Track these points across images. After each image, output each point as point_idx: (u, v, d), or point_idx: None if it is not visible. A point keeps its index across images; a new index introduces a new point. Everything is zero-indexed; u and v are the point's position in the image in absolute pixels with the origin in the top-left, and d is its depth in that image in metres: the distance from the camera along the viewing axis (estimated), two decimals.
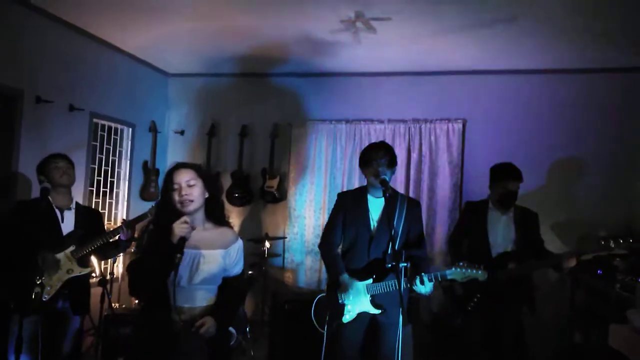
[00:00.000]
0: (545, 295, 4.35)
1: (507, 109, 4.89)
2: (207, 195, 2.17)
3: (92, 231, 3.09)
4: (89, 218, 3.20)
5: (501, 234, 3.22)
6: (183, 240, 2.00)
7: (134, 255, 2.20)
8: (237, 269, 2.22)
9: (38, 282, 2.80)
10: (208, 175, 2.23)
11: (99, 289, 3.97)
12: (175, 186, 2.09)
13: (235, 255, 2.20)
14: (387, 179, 2.66)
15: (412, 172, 5.06)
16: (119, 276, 4.92)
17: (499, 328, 3.22)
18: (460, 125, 4.97)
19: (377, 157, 2.70)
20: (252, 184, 5.43)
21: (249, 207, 5.47)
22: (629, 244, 2.92)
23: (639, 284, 3.40)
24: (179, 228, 2.00)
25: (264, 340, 4.35)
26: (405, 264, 2.35)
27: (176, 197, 2.09)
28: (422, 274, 2.53)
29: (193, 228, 2.05)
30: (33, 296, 2.75)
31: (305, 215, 5.32)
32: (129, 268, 2.12)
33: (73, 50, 4.44)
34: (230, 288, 2.19)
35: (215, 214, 2.20)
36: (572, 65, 4.67)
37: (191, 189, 2.10)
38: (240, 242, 2.24)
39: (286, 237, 5.26)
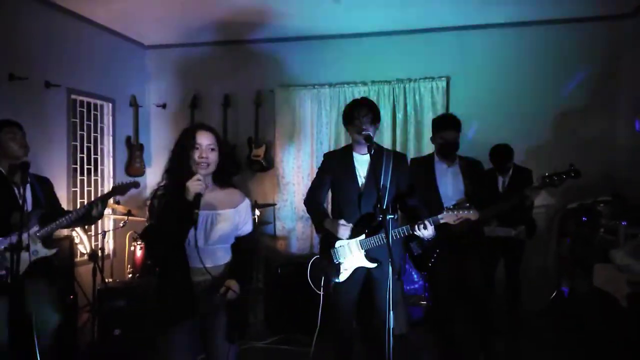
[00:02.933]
0: (532, 247, 4.45)
1: (491, 64, 4.87)
2: (218, 162, 2.19)
3: (49, 203, 2.95)
4: (44, 190, 3.02)
5: (451, 185, 3.24)
6: (199, 196, 2.03)
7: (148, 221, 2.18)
8: (247, 227, 2.27)
9: (2, 264, 2.69)
10: (223, 143, 2.24)
11: (89, 266, 3.96)
12: (197, 146, 2.11)
13: (245, 213, 2.25)
14: (371, 134, 2.65)
15: (398, 132, 5.06)
16: (110, 252, 4.91)
17: (463, 278, 3.28)
18: (444, 83, 4.95)
19: (359, 114, 2.68)
20: (238, 154, 5.38)
21: (237, 177, 5.44)
22: (570, 177, 3.00)
23: (621, 226, 3.48)
24: (194, 185, 2.03)
25: (260, 306, 4.40)
26: (393, 216, 2.37)
27: (195, 156, 2.10)
28: (421, 219, 2.57)
29: (206, 186, 2.08)
30: None
31: (294, 182, 5.32)
32: (144, 234, 2.14)
33: (45, 26, 4.29)
34: (244, 247, 2.25)
35: (221, 177, 2.22)
36: (556, 16, 4.63)
37: (210, 153, 2.14)
38: (247, 201, 2.28)
39: (276, 204, 5.26)
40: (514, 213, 3.77)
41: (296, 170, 5.33)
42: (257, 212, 4.76)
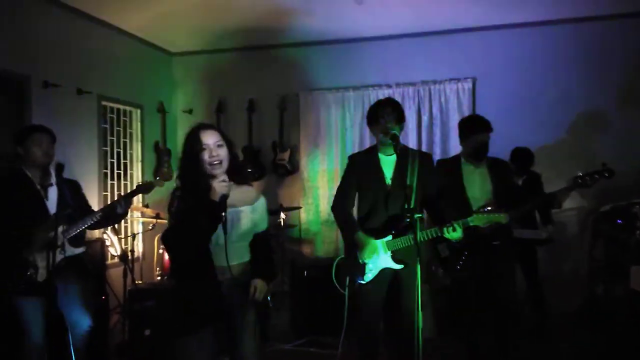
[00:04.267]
0: (564, 250, 4.34)
1: (518, 64, 4.79)
2: (229, 158, 2.17)
3: (77, 205, 2.98)
4: (72, 192, 3.05)
5: (478, 187, 3.17)
6: (225, 197, 2.03)
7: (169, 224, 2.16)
8: (264, 224, 2.27)
9: (31, 264, 2.72)
10: (229, 137, 2.22)
11: (120, 269, 4.04)
12: (204, 146, 2.09)
13: (262, 210, 2.24)
14: (397, 134, 2.63)
15: (424, 135, 5.02)
16: (140, 255, 5.01)
17: (492, 283, 3.20)
18: (470, 84, 4.90)
19: (384, 113, 2.67)
20: (263, 158, 5.42)
21: (262, 181, 5.48)
22: (603, 177, 2.92)
23: None
24: (220, 186, 2.03)
25: (285, 310, 4.41)
26: (421, 215, 2.34)
27: (206, 157, 2.08)
28: (450, 221, 2.54)
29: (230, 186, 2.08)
30: (27, 279, 2.70)
31: (319, 186, 5.33)
32: (165, 237, 2.10)
33: (77, 34, 4.43)
34: (263, 244, 2.25)
35: (236, 175, 2.21)
36: (583, 14, 4.54)
37: (220, 150, 2.11)
38: (263, 199, 2.28)
39: (301, 207, 5.27)
40: (535, 215, 3.72)
41: (321, 173, 5.34)
42: (283, 216, 4.79)
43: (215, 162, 2.08)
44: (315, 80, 5.37)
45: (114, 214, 2.95)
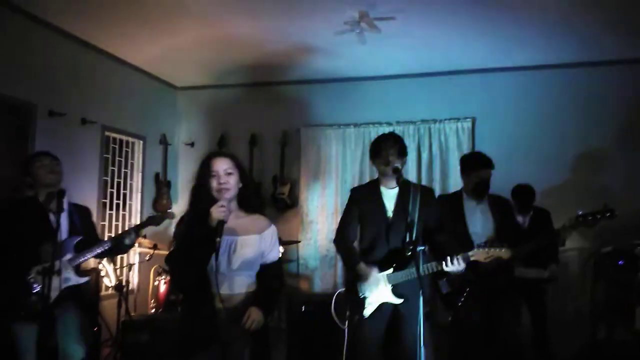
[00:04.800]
0: (565, 291, 4.29)
1: (517, 105, 4.90)
2: (240, 185, 2.18)
3: (85, 232, 2.99)
4: (82, 218, 3.07)
5: (480, 223, 3.18)
6: (222, 223, 2.01)
7: (172, 247, 2.18)
8: (273, 254, 2.22)
9: (35, 291, 2.69)
10: (242, 165, 2.23)
11: (113, 301, 3.96)
12: (213, 173, 2.11)
13: (270, 240, 2.20)
14: (399, 167, 2.65)
15: (424, 172, 5.05)
16: (135, 287, 4.92)
17: (494, 322, 3.15)
18: (470, 124, 4.98)
19: (386, 146, 2.70)
20: (263, 192, 5.43)
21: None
22: (605, 217, 2.92)
23: None
24: (217, 212, 2.01)
25: (282, 346, 4.29)
26: (423, 247, 2.32)
27: (214, 185, 2.10)
28: (451, 255, 2.52)
29: (230, 211, 2.06)
30: (29, 304, 2.68)
31: (318, 221, 5.31)
32: (168, 259, 2.11)
33: (84, 65, 4.53)
34: (269, 275, 2.19)
35: (247, 203, 2.21)
36: (581, 59, 4.68)
37: (228, 177, 2.12)
38: (274, 228, 2.24)
39: (299, 241, 5.23)
40: (540, 253, 3.68)
41: (320, 209, 5.33)
42: (281, 249, 4.73)
43: (222, 189, 2.09)
44: (316, 117, 5.45)
45: (122, 245, 2.95)
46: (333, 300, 2.93)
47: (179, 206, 5.50)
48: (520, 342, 3.51)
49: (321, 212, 5.31)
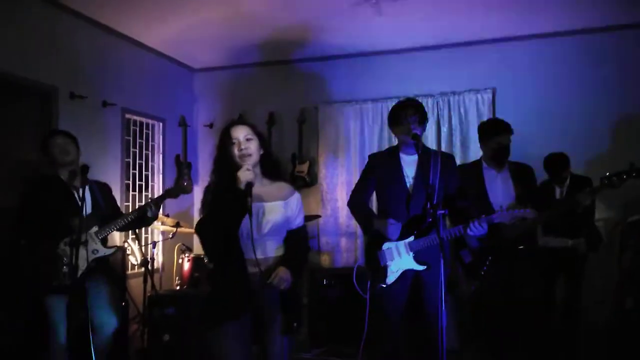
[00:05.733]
0: (593, 261, 4.21)
1: (537, 74, 4.76)
2: (262, 152, 2.21)
3: (107, 206, 3.08)
4: (104, 193, 3.16)
5: (501, 191, 3.14)
6: (250, 184, 2.04)
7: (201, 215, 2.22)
8: (298, 220, 2.26)
9: (65, 262, 2.79)
10: (261, 133, 2.26)
11: (139, 279, 4.05)
12: (234, 141, 2.15)
13: (295, 206, 2.24)
14: (419, 134, 2.63)
15: (443, 146, 4.98)
16: (159, 266, 5.03)
17: (517, 288, 3.12)
18: (490, 95, 4.88)
19: (407, 114, 2.68)
20: (282, 170, 5.43)
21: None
22: (631, 177, 2.87)
23: None
24: (244, 174, 2.05)
25: (304, 321, 4.34)
26: (444, 211, 2.30)
27: (235, 151, 2.14)
28: (474, 219, 2.50)
29: (254, 176, 2.10)
30: (60, 275, 2.77)
31: (338, 198, 5.31)
32: (198, 228, 2.14)
33: (103, 48, 4.57)
34: (296, 239, 2.24)
35: (270, 170, 2.24)
36: (607, 23, 4.51)
37: (249, 143, 2.15)
38: (298, 195, 2.29)
39: (320, 216, 5.24)
40: (573, 223, 3.60)
41: (340, 185, 5.33)
42: None
43: (244, 155, 2.12)
44: (334, 93, 5.42)
45: (145, 218, 3.03)
46: (354, 271, 2.95)
47: (200, 187, 5.56)
48: (542, 310, 3.48)
49: (341, 189, 5.31)
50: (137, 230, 4.06)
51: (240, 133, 2.16)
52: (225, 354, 2.05)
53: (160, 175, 5.37)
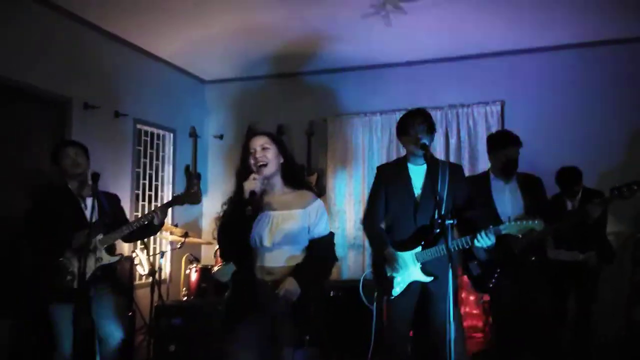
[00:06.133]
0: (604, 275, 4.16)
1: (547, 87, 4.76)
2: (282, 160, 2.22)
3: (114, 215, 3.09)
4: (111, 204, 3.17)
5: (509, 203, 3.12)
6: (253, 193, 2.07)
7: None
8: (320, 228, 2.22)
9: (69, 270, 2.81)
10: (282, 141, 2.29)
11: (147, 290, 4.06)
12: (251, 151, 2.19)
13: (316, 215, 2.20)
14: (427, 143, 2.63)
15: (452, 158, 4.97)
16: (167, 276, 5.03)
17: (528, 302, 3.08)
18: (499, 107, 4.88)
19: (415, 123, 2.68)
20: None
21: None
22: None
23: None
24: (248, 183, 2.09)
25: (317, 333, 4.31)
26: (452, 221, 2.29)
27: (252, 161, 2.18)
28: (482, 230, 2.49)
29: (263, 184, 2.14)
30: (65, 283, 2.79)
31: (346, 210, 5.31)
32: (217, 236, 2.23)
33: (117, 60, 4.66)
34: (316, 248, 2.20)
35: (292, 178, 2.26)
36: (612, 36, 4.51)
37: (265, 152, 2.18)
38: (319, 202, 2.25)
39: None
40: (584, 235, 3.56)
41: (348, 197, 5.33)
42: None
43: (260, 164, 2.15)
44: (343, 105, 5.45)
45: (151, 225, 3.01)
46: (361, 282, 2.93)
47: (210, 198, 5.59)
48: (552, 322, 3.42)
49: (349, 201, 5.31)
50: (145, 240, 4.07)
51: (257, 143, 2.20)
52: None
53: (170, 186, 5.41)
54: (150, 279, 3.81)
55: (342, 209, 5.32)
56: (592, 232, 3.56)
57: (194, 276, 4.52)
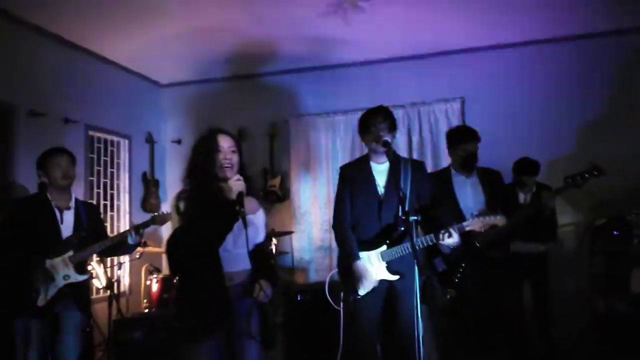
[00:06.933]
0: (563, 267, 4.25)
1: (506, 82, 4.85)
2: (238, 168, 2.18)
3: (92, 228, 2.99)
4: (89, 214, 3.09)
5: (471, 197, 3.14)
6: (242, 194, 1.99)
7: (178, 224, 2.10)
8: (262, 235, 2.24)
9: (35, 286, 2.75)
10: (241, 148, 2.23)
11: (104, 304, 3.87)
12: (220, 149, 2.11)
13: (262, 221, 2.23)
14: (389, 141, 2.59)
15: (415, 156, 4.98)
16: (126, 289, 4.82)
17: (493, 297, 3.10)
18: (459, 104, 4.93)
19: (376, 121, 2.65)
20: (254, 186, 5.32)
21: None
22: (592, 175, 2.96)
23: None
24: (237, 184, 2.01)
25: (281, 340, 4.20)
26: (416, 217, 2.25)
27: (219, 160, 2.08)
28: (445, 227, 2.47)
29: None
30: (29, 301, 2.72)
31: (311, 212, 5.24)
32: (174, 239, 2.02)
33: (64, 64, 4.44)
34: (263, 253, 2.23)
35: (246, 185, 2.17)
36: (568, 33, 4.63)
37: (233, 155, 2.13)
38: (262, 210, 2.26)
39: (293, 232, 5.14)
40: (538, 230, 3.63)
41: (312, 200, 5.26)
42: (275, 241, 4.67)
43: (227, 166, 2.09)
44: (304, 106, 5.39)
45: (124, 244, 2.94)
46: (326, 282, 2.87)
47: (168, 205, 5.39)
48: (520, 317, 3.46)
49: (314, 203, 5.24)
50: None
51: (226, 143, 2.14)
52: None
53: (127, 194, 5.20)
54: (108, 292, 3.61)
55: (308, 212, 5.25)
56: (549, 222, 3.65)
57: (155, 287, 4.34)
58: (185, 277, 2.10)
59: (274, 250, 4.67)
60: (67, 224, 2.96)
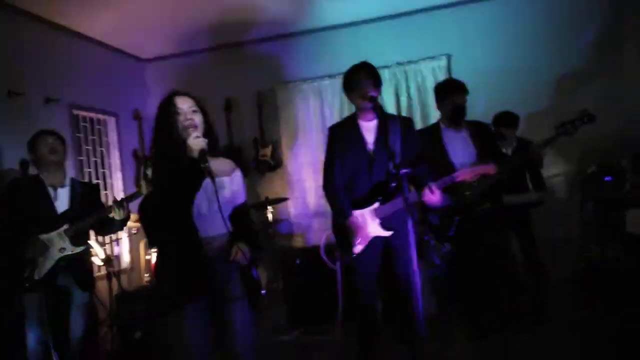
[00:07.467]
0: (555, 216, 4.30)
1: (491, 37, 4.78)
2: (205, 127, 2.10)
3: (90, 207, 2.98)
4: (86, 193, 3.09)
5: (461, 151, 3.13)
6: (203, 151, 1.91)
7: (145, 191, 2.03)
8: (242, 197, 2.19)
9: (30, 260, 2.80)
10: (205, 107, 2.14)
11: (105, 282, 3.91)
12: (179, 111, 2.03)
13: (239, 182, 2.17)
14: (375, 95, 2.57)
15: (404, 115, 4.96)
16: (127, 265, 4.86)
17: (487, 249, 3.15)
18: (445, 62, 4.88)
19: (360, 77, 2.62)
20: (245, 156, 5.33)
21: (246, 180, 5.37)
22: (583, 122, 2.97)
23: None
24: (196, 142, 1.92)
25: (281, 306, 4.28)
26: (407, 170, 2.25)
27: (180, 122, 2.01)
28: (431, 183, 2.47)
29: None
30: (26, 275, 2.77)
31: (304, 178, 5.25)
32: (143, 205, 1.98)
33: (42, 42, 4.33)
34: (243, 216, 2.18)
35: (213, 146, 2.10)
36: None
37: (194, 115, 2.05)
38: (239, 171, 2.20)
39: (288, 198, 5.16)
40: (525, 179, 3.67)
41: (305, 166, 5.26)
42: (270, 209, 4.70)
43: (189, 126, 2.01)
44: (290, 73, 5.32)
45: (112, 221, 2.92)
46: (322, 243, 2.90)
47: None
48: (516, 268, 3.53)
49: (306, 169, 5.25)
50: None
51: (185, 104, 2.06)
52: (186, 341, 1.97)
53: (119, 172, 5.17)
54: (107, 272, 3.63)
55: (301, 178, 5.26)
56: (535, 173, 3.68)
57: (155, 260, 4.37)
58: (161, 246, 2.04)
59: (270, 218, 4.70)
60: (62, 201, 2.98)
